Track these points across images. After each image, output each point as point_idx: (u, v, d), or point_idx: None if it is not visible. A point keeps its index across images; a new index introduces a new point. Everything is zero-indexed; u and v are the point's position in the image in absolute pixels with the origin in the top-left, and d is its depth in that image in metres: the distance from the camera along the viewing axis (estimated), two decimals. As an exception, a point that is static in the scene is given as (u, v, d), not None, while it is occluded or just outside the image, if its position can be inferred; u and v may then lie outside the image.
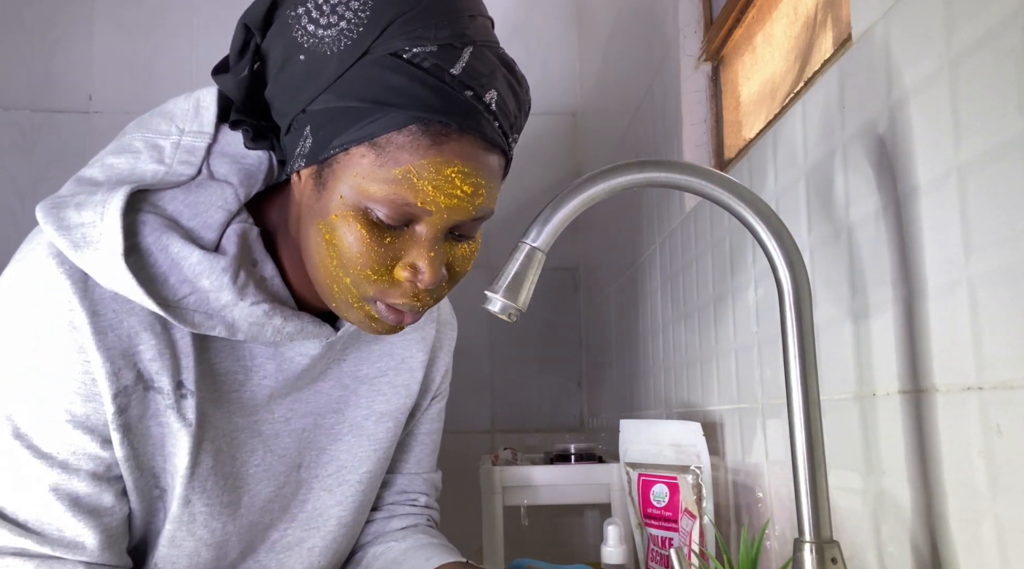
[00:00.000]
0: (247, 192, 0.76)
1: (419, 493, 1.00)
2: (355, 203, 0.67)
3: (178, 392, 0.73)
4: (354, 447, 0.88)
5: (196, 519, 0.77)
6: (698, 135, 1.26)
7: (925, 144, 0.58)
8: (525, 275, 0.59)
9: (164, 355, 0.72)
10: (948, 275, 0.56)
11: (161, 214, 0.71)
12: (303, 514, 0.86)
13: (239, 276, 0.72)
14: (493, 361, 2.52)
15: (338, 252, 0.68)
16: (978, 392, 0.53)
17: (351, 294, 0.70)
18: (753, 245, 0.93)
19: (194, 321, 0.71)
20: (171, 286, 0.70)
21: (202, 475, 0.76)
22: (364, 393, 0.88)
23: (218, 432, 0.77)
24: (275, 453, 0.82)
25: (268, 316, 0.73)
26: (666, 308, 1.38)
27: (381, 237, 0.68)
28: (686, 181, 0.60)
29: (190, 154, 0.75)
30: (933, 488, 0.59)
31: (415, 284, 0.70)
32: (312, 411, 0.85)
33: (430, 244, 0.69)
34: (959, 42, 0.54)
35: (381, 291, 0.70)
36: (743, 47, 1.17)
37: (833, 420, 0.73)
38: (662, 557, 1.02)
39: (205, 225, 0.72)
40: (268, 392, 0.80)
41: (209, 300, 0.71)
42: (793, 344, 0.58)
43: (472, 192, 0.68)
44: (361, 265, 0.68)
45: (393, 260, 0.69)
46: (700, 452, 0.98)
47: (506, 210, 2.60)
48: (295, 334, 0.76)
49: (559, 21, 2.65)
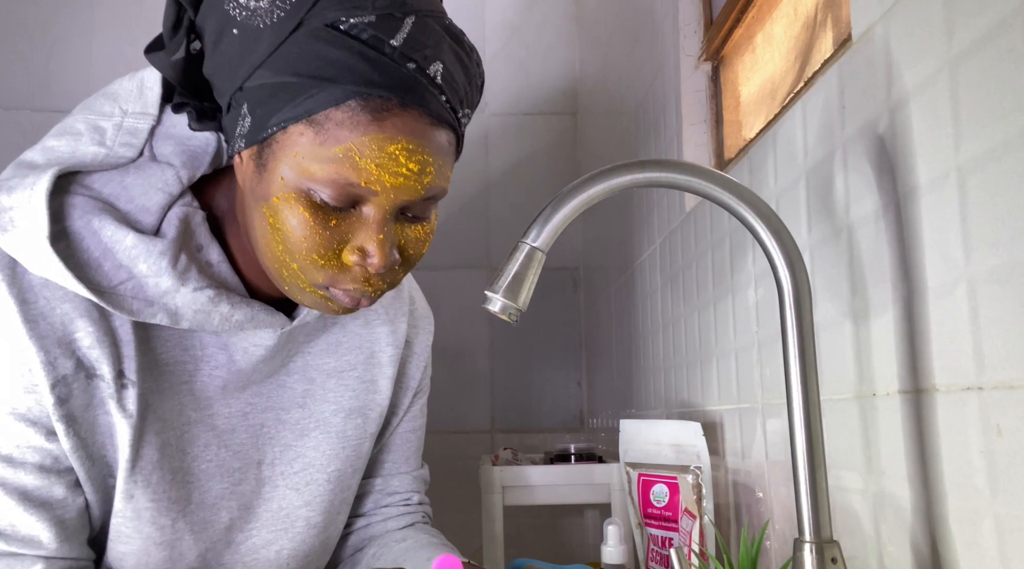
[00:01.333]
0: (190, 174, 0.73)
1: (411, 492, 0.98)
2: (297, 185, 0.64)
3: (119, 382, 0.71)
4: (321, 444, 0.85)
5: (141, 516, 0.74)
6: (698, 135, 1.26)
7: (925, 144, 0.58)
8: (525, 275, 0.59)
9: (103, 343, 0.69)
10: (948, 275, 0.56)
11: (95, 197, 0.69)
12: (268, 514, 0.82)
13: (179, 260, 0.69)
14: (493, 361, 2.52)
15: (283, 237, 0.65)
16: (978, 392, 0.53)
17: (300, 280, 0.67)
18: (753, 245, 0.93)
19: (132, 308, 0.68)
20: (105, 272, 0.67)
21: (145, 469, 0.73)
22: (332, 387, 0.85)
23: (166, 425, 0.74)
24: (229, 448, 0.79)
25: (213, 303, 0.70)
26: (666, 308, 1.38)
27: (326, 220, 0.65)
28: (686, 181, 0.60)
29: (132, 136, 0.72)
30: (933, 488, 0.59)
31: (365, 268, 0.67)
32: (274, 406, 0.81)
33: (378, 226, 0.65)
34: (959, 42, 0.54)
35: (331, 277, 0.67)
36: (743, 47, 1.17)
37: (833, 420, 0.73)
38: (662, 557, 1.02)
39: (143, 208, 0.70)
40: (220, 383, 0.77)
41: (148, 286, 0.68)
42: (793, 344, 0.58)
43: (419, 170, 0.64)
44: (307, 250, 0.65)
45: (340, 244, 0.66)
46: (700, 452, 0.98)
47: (506, 210, 2.60)
48: (245, 323, 0.73)
49: (559, 21, 2.65)
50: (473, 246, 2.55)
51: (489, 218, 2.59)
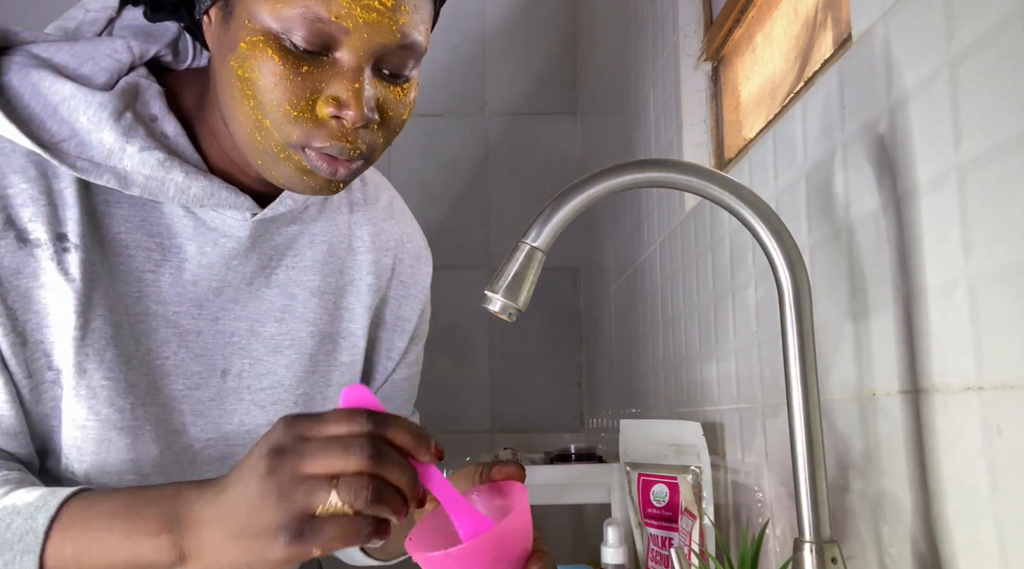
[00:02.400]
0: (143, 48, 0.70)
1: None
2: (265, 27, 0.61)
3: (58, 244, 0.67)
4: (293, 364, 0.81)
5: (97, 394, 0.69)
6: (698, 135, 1.26)
7: (925, 144, 0.58)
8: (525, 275, 0.59)
9: (38, 201, 0.66)
10: (948, 275, 0.56)
11: (39, 59, 0.67)
12: (229, 427, 0.78)
13: (123, 117, 0.66)
14: (493, 361, 2.52)
15: (253, 87, 0.62)
16: (978, 392, 0.53)
17: (274, 141, 0.64)
18: (753, 245, 0.93)
19: (76, 165, 0.65)
20: (48, 127, 0.65)
21: (97, 343, 0.69)
22: (313, 307, 0.81)
23: (117, 305, 0.70)
24: (191, 349, 0.75)
25: (165, 168, 0.67)
26: (666, 308, 1.38)
27: (297, 65, 0.62)
28: (686, 181, 0.60)
29: (91, 25, 0.71)
30: (933, 488, 0.59)
31: (341, 122, 0.63)
32: (249, 316, 0.78)
33: (354, 74, 0.62)
34: (959, 42, 0.54)
35: (305, 133, 0.63)
36: (743, 47, 1.17)
37: (833, 420, 0.73)
38: (662, 557, 1.02)
39: (92, 72, 0.67)
40: (190, 278, 0.73)
41: (92, 144, 0.65)
42: (793, 344, 0.58)
43: (393, 6, 0.61)
44: (278, 100, 0.62)
45: (314, 93, 0.63)
46: (700, 452, 0.98)
47: (506, 210, 2.60)
48: (204, 197, 0.69)
49: (559, 21, 2.65)
50: (473, 246, 2.55)
51: (489, 218, 2.59)
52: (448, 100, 2.60)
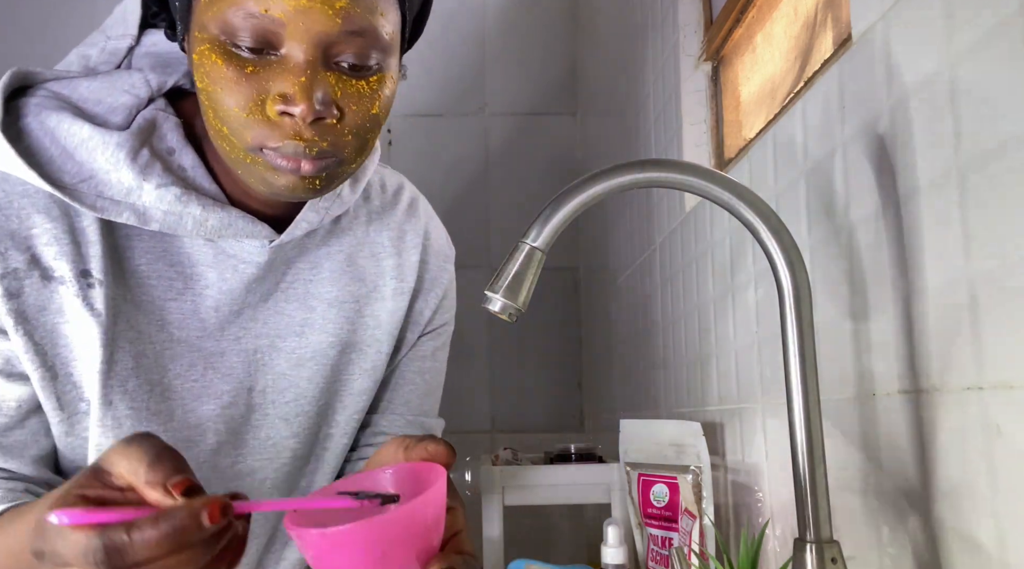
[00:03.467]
0: (160, 80, 0.71)
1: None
2: (210, 35, 0.62)
3: (83, 280, 0.68)
4: (315, 376, 0.81)
5: (122, 424, 0.71)
6: (698, 135, 1.26)
7: (925, 144, 0.58)
8: (525, 275, 0.59)
9: (62, 240, 0.67)
10: (948, 275, 0.56)
11: (56, 97, 0.68)
12: (255, 442, 0.80)
13: (139, 154, 0.67)
14: (493, 361, 2.52)
15: (209, 97, 0.63)
16: (978, 392, 0.53)
17: (236, 147, 0.64)
18: (753, 245, 0.93)
19: (95, 205, 0.66)
20: (66, 169, 0.66)
21: (121, 374, 0.70)
22: (332, 318, 0.82)
23: (142, 336, 0.72)
24: (218, 371, 0.76)
25: (182, 203, 0.67)
26: (666, 308, 1.38)
27: (241, 67, 0.62)
28: (686, 181, 0.60)
29: (112, 55, 0.72)
30: (933, 488, 0.59)
31: (294, 119, 0.62)
32: (270, 332, 0.79)
33: (300, 69, 0.61)
34: (959, 42, 0.54)
35: (259, 135, 0.63)
36: (743, 47, 1.17)
37: (833, 420, 0.73)
38: (662, 557, 1.01)
39: (110, 109, 0.68)
40: (212, 304, 0.75)
41: (111, 184, 0.66)
42: (793, 344, 0.58)
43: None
44: (229, 105, 0.62)
45: (261, 93, 0.62)
46: (700, 452, 0.98)
47: (506, 210, 2.60)
48: (222, 229, 0.70)
49: (559, 21, 2.65)
50: (473, 246, 2.55)
51: (489, 218, 2.59)
52: (448, 100, 2.60)
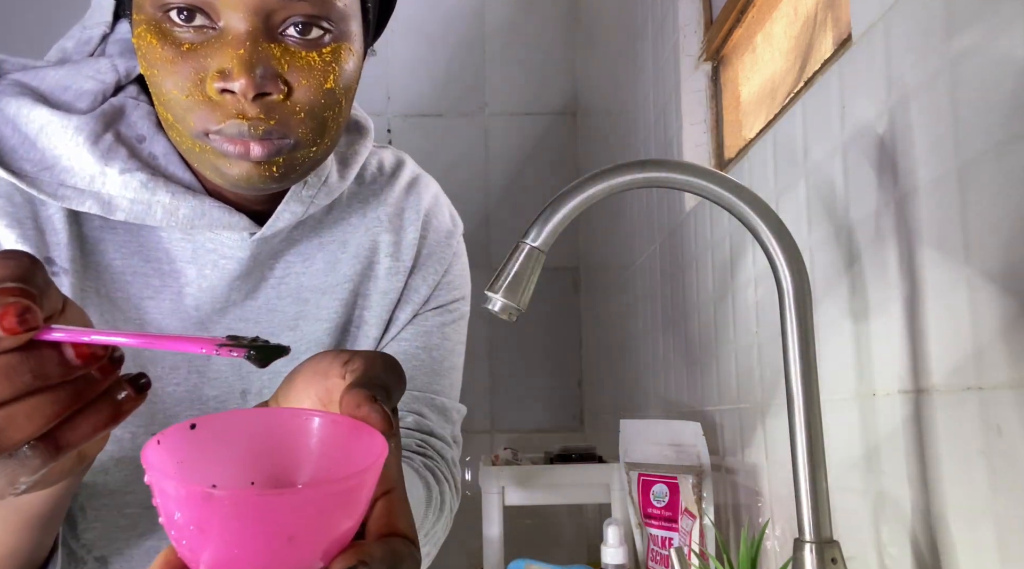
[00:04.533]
0: (129, 65, 0.68)
1: (404, 411, 0.82)
2: (147, 16, 0.59)
3: (47, 267, 0.65)
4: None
5: None
6: (698, 135, 1.26)
7: (925, 144, 0.58)
8: (525, 275, 0.59)
9: (25, 225, 0.65)
10: (948, 275, 0.56)
11: (20, 85, 0.66)
12: None
13: (102, 139, 0.64)
14: (493, 361, 2.52)
15: (152, 83, 0.59)
16: (978, 392, 0.53)
17: (183, 135, 0.60)
18: (753, 245, 0.93)
19: (57, 193, 0.63)
20: (26, 157, 0.64)
21: None
22: (326, 305, 0.78)
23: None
24: (203, 375, 0.73)
25: (149, 190, 0.64)
26: (666, 308, 1.38)
27: (177, 45, 0.58)
28: (686, 181, 0.60)
29: (86, 44, 0.71)
30: (933, 488, 0.59)
31: (236, 97, 0.58)
32: (262, 330, 0.75)
33: (238, 41, 0.57)
34: (959, 42, 0.54)
35: (201, 118, 0.59)
36: (743, 47, 1.17)
37: (833, 420, 0.73)
38: (662, 557, 1.01)
39: (76, 95, 0.66)
40: (192, 303, 0.71)
41: (73, 171, 0.63)
42: (793, 344, 0.58)
43: None
44: (168, 87, 0.58)
45: (200, 71, 0.58)
46: (700, 452, 0.98)
47: (506, 210, 2.60)
48: (195, 218, 0.65)
49: (559, 21, 2.65)
50: (473, 246, 2.54)
51: (489, 218, 2.59)
52: (448, 100, 2.60)
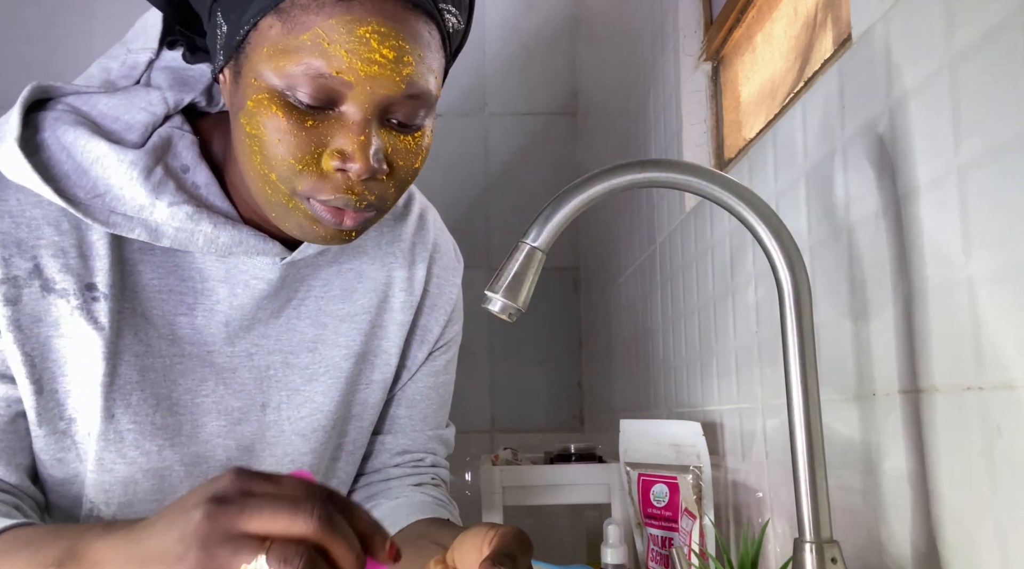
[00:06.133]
0: (178, 97, 0.72)
1: (424, 452, 0.91)
2: (269, 84, 0.61)
3: (88, 294, 0.69)
4: (331, 389, 0.81)
5: (124, 438, 0.71)
6: (698, 135, 1.26)
7: (925, 144, 0.58)
8: (525, 275, 0.59)
9: (69, 254, 0.68)
10: (948, 275, 0.56)
11: (78, 113, 0.68)
12: (272, 459, 0.79)
13: (153, 173, 0.67)
14: (493, 361, 2.52)
15: (260, 144, 0.63)
16: (978, 392, 0.53)
17: (281, 193, 0.64)
18: (753, 245, 0.93)
19: (107, 220, 0.66)
20: (81, 184, 0.67)
21: (124, 388, 0.70)
22: (344, 332, 0.82)
23: (151, 350, 0.72)
24: (229, 387, 0.76)
25: (194, 221, 0.68)
26: (666, 308, 1.38)
27: (301, 121, 0.62)
28: (686, 181, 0.60)
29: (132, 69, 0.73)
30: (933, 488, 0.59)
31: (347, 175, 0.63)
32: (282, 348, 0.79)
33: (359, 126, 0.62)
34: (959, 42, 0.54)
35: (311, 186, 0.63)
36: (743, 47, 1.17)
37: (833, 420, 0.73)
38: (662, 557, 1.01)
39: (127, 127, 0.69)
40: (223, 320, 0.75)
41: (124, 200, 0.67)
42: (793, 344, 0.58)
43: (395, 58, 0.60)
44: (283, 155, 0.62)
45: (319, 147, 0.62)
46: (700, 452, 0.98)
47: (506, 210, 2.60)
48: (233, 246, 0.70)
49: (558, 21, 2.65)
50: (473, 246, 2.54)
51: (489, 218, 2.59)
52: (448, 100, 2.60)
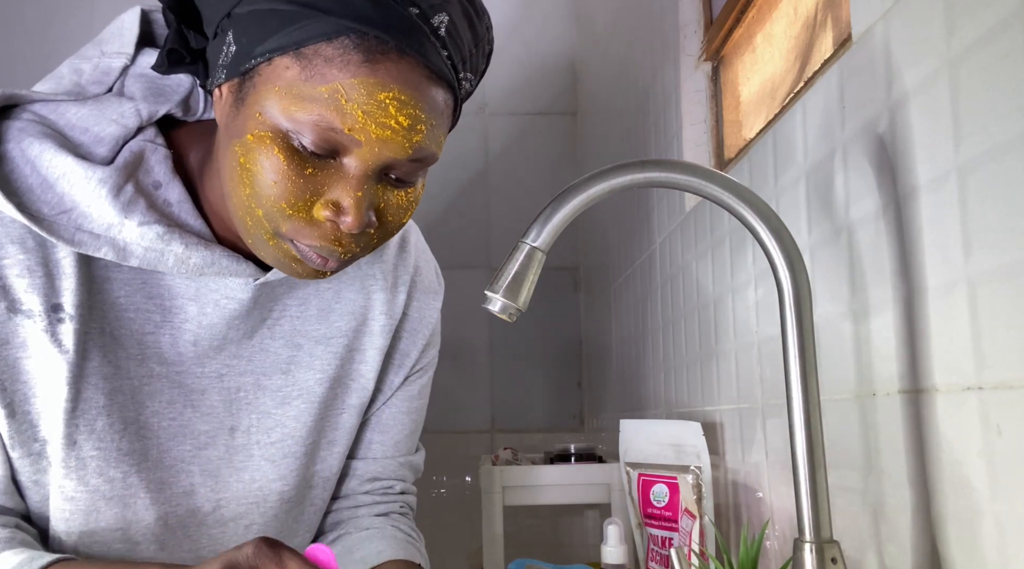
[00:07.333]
0: (151, 109, 0.69)
1: (394, 479, 0.89)
2: (275, 123, 0.59)
3: (53, 315, 0.66)
4: (303, 414, 0.78)
5: (87, 465, 0.68)
6: (698, 135, 1.26)
7: (925, 144, 0.58)
8: (525, 275, 0.59)
9: (35, 272, 0.65)
10: (948, 275, 0.56)
11: (41, 122, 0.66)
12: (239, 485, 0.76)
13: (123, 190, 0.64)
14: (493, 361, 2.52)
15: (252, 179, 0.60)
16: (978, 392, 0.53)
17: (263, 229, 0.62)
18: (753, 245, 0.93)
19: (73, 239, 0.64)
20: (45, 200, 0.64)
21: (88, 413, 0.68)
22: (319, 355, 0.79)
23: (120, 372, 0.70)
24: (197, 409, 0.74)
25: (164, 241, 0.65)
26: (666, 308, 1.38)
27: (301, 167, 0.60)
28: (686, 181, 0.60)
29: (105, 74, 0.70)
30: (933, 488, 0.59)
31: (336, 226, 0.62)
32: (254, 370, 0.76)
33: (358, 182, 0.61)
34: (959, 42, 0.54)
35: (296, 229, 0.62)
36: (743, 47, 1.17)
37: (833, 420, 0.73)
38: (662, 557, 1.01)
39: (96, 139, 0.66)
40: (191, 339, 0.72)
41: (92, 218, 0.64)
42: (793, 344, 0.58)
43: (409, 126, 0.60)
44: (275, 197, 0.60)
45: (314, 195, 0.61)
46: (700, 452, 0.98)
47: (506, 210, 2.60)
48: (204, 267, 0.67)
49: (559, 21, 2.65)
50: (473, 246, 2.55)
51: (489, 218, 2.59)
52: (448, 100, 2.60)
